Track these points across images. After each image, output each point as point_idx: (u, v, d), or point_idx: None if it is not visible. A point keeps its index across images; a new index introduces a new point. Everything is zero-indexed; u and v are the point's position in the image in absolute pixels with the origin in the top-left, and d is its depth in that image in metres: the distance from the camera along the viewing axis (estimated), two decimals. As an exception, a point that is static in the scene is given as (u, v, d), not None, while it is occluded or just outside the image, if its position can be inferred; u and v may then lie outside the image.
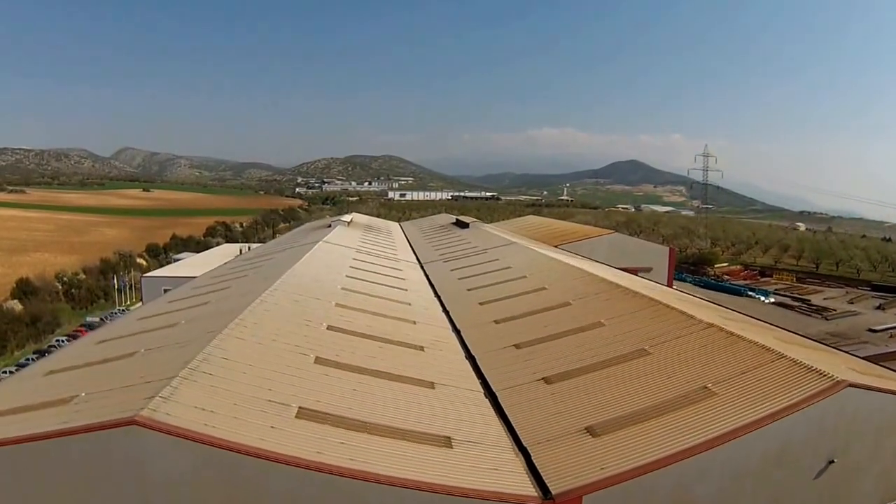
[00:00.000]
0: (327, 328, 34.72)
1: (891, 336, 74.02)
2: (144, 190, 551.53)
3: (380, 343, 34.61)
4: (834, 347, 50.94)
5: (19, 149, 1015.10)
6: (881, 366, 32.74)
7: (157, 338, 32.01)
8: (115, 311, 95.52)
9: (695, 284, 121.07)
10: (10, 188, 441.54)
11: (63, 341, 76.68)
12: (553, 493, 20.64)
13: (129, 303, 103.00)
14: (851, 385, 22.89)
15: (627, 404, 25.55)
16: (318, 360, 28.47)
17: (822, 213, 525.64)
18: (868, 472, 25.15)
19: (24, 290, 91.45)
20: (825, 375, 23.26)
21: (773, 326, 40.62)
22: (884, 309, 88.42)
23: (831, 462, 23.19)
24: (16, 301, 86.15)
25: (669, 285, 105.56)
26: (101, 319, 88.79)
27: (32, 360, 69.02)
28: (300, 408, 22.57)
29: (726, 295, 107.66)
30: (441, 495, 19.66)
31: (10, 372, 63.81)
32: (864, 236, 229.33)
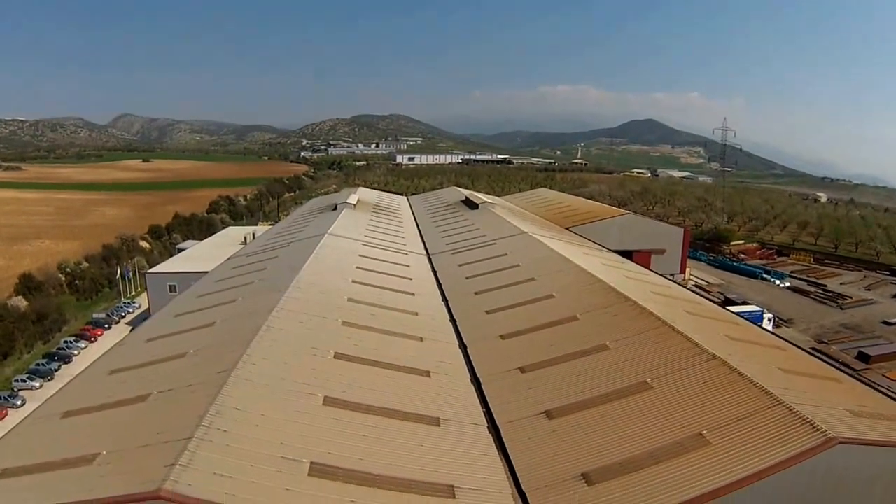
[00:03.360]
0: (334, 356, 37.03)
1: None
2: (144, 160, 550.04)
3: (387, 371, 36.88)
4: (844, 366, 53.15)
5: (13, 120, 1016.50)
6: (885, 393, 34.73)
7: (167, 373, 34.39)
8: (121, 304, 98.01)
9: (710, 264, 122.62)
10: (6, 165, 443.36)
11: (70, 343, 79.82)
12: (548, 547, 23.21)
13: (133, 293, 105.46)
14: (842, 442, 24.86)
15: (624, 449, 27.84)
16: (326, 401, 30.92)
17: (844, 180, 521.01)
18: None
19: (27, 285, 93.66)
20: (817, 430, 25.30)
21: (780, 343, 42.53)
22: None
23: None
24: (20, 297, 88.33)
25: (683, 268, 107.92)
26: (108, 315, 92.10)
27: (42, 364, 72.27)
28: (312, 463, 25.11)
29: (741, 277, 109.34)
30: (444, 553, 22.36)
31: (23, 380, 67.26)
32: (887, 210, 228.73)
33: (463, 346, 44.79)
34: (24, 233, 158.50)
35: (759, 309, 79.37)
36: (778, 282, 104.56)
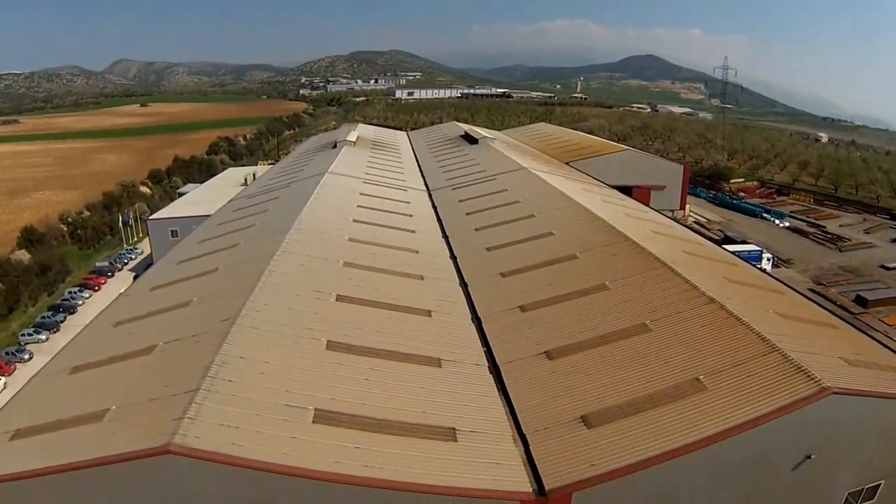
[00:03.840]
0: (336, 299, 36.82)
1: None
2: (142, 105, 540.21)
3: (388, 312, 36.70)
4: (841, 309, 52.78)
5: (8, 73, 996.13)
6: (880, 342, 34.65)
7: (172, 323, 34.21)
8: (123, 251, 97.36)
9: (709, 201, 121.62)
10: (3, 119, 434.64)
11: (75, 293, 79.56)
12: (546, 489, 23.43)
13: (135, 239, 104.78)
14: (836, 392, 24.83)
15: (622, 391, 27.91)
16: (329, 346, 30.84)
17: (846, 121, 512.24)
18: (845, 465, 27.80)
19: (29, 238, 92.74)
20: (812, 379, 25.26)
21: (779, 287, 42.28)
22: None
23: (809, 457, 25.70)
24: (23, 251, 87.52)
25: (683, 205, 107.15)
26: (110, 263, 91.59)
27: (48, 317, 71.90)
28: (316, 410, 25.18)
29: (741, 216, 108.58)
30: (445, 497, 22.56)
31: (30, 334, 67.05)
32: (888, 153, 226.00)
33: (463, 284, 44.61)
34: (23, 186, 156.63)
35: (758, 248, 78.90)
36: (777, 221, 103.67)
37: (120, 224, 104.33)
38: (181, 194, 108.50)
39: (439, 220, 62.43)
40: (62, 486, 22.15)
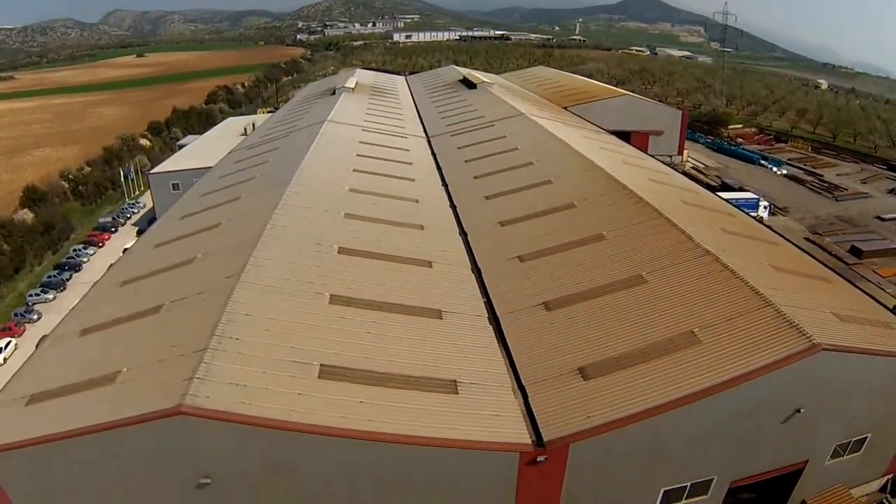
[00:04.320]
0: (338, 251, 36.80)
1: None
2: (138, 56, 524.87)
3: (389, 263, 36.74)
4: (835, 258, 52.60)
5: (1, 29, 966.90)
6: (872, 297, 34.70)
7: (177, 281, 34.20)
8: (125, 205, 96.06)
9: (707, 147, 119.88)
10: None
11: (79, 251, 78.51)
12: (545, 440, 23.93)
13: (136, 193, 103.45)
14: (825, 349, 25.02)
15: (618, 344, 28.17)
16: (332, 300, 30.98)
17: (846, 68, 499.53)
18: (833, 419, 28.22)
19: (31, 197, 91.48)
20: (803, 335, 25.40)
21: (774, 238, 42.14)
22: None
23: (798, 410, 26.10)
24: (26, 211, 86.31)
25: (681, 150, 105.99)
26: (113, 219, 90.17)
27: (54, 276, 71.18)
28: (321, 365, 25.47)
29: (739, 162, 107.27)
30: (447, 449, 23.08)
31: (37, 294, 66.45)
32: (887, 102, 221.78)
33: (463, 234, 44.55)
34: (23, 144, 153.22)
35: (755, 196, 77.93)
36: (775, 169, 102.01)
37: (121, 178, 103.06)
38: (181, 146, 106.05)
39: (439, 168, 61.86)
40: (78, 450, 22.62)
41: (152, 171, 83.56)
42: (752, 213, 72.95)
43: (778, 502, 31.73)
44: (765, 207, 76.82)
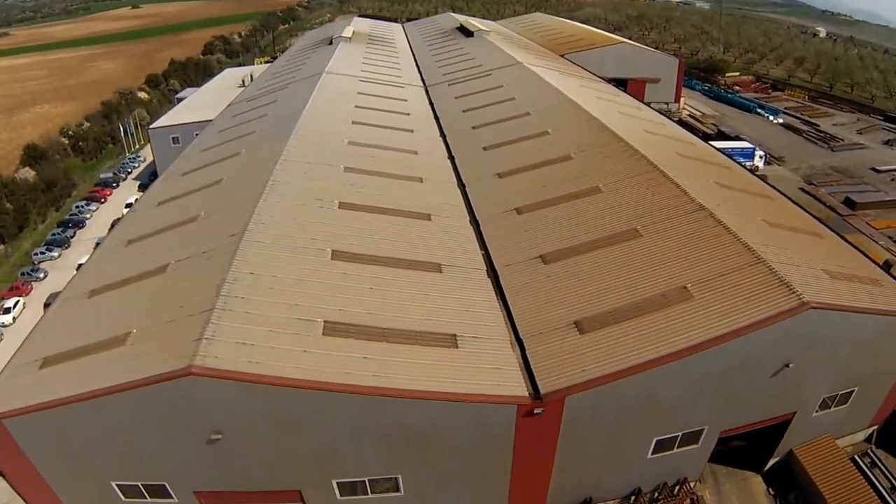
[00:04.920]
0: (339, 206, 36.73)
1: (892, 179, 73.13)
2: (133, 7, 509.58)
3: (390, 217, 36.75)
4: (829, 209, 52.38)
5: None
6: (864, 254, 34.74)
7: (181, 239, 34.13)
8: (126, 159, 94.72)
9: (704, 94, 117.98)
10: None
11: (82, 207, 77.97)
12: (542, 392, 24.49)
13: (137, 147, 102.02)
14: (814, 307, 25.20)
15: (613, 298, 28.46)
16: (334, 255, 31.10)
17: (845, 16, 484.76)
18: (821, 373, 28.68)
19: (32, 155, 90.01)
20: (793, 293, 25.58)
21: (769, 192, 41.98)
22: (892, 146, 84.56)
23: (787, 365, 26.53)
24: (27, 169, 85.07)
25: (677, 98, 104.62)
26: (115, 174, 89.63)
27: (58, 233, 70.52)
28: (325, 322, 25.77)
29: (735, 110, 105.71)
30: (448, 402, 23.65)
31: (42, 252, 66.09)
32: (886, 51, 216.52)
33: (461, 185, 44.39)
34: (21, 101, 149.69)
35: (751, 145, 76.83)
36: (771, 117, 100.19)
37: (121, 133, 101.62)
38: (180, 99, 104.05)
39: (436, 118, 61.19)
40: (93, 411, 23.08)
41: (152, 125, 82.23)
42: (748, 163, 72.72)
43: (766, 451, 32.68)
44: (760, 157, 76.09)
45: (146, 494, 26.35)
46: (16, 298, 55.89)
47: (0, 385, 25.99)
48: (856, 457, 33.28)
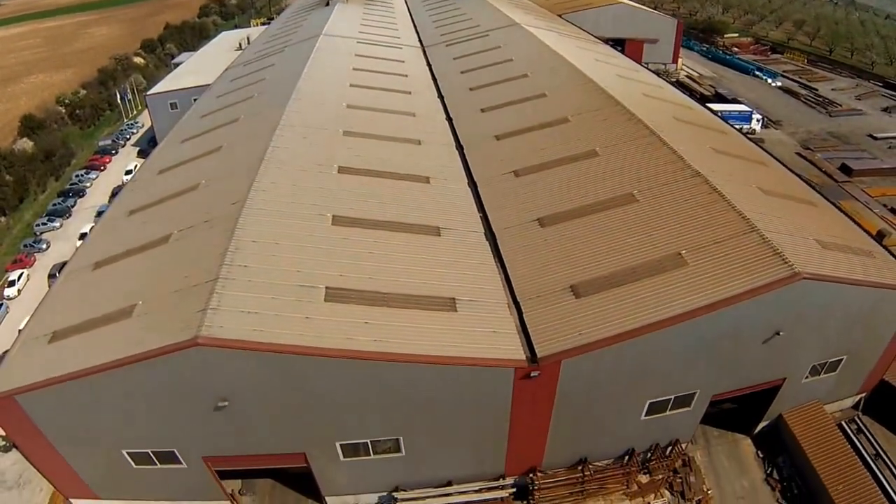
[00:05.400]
0: (338, 171, 36.68)
1: (889, 147, 71.76)
2: None
3: (389, 181, 36.76)
4: (825, 175, 51.98)
5: None
6: (857, 224, 34.65)
7: (183, 208, 34.06)
8: (124, 126, 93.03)
9: (703, 55, 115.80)
10: None
11: (82, 176, 76.74)
12: (538, 356, 24.91)
13: (134, 113, 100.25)
14: (806, 278, 25.33)
15: (608, 262, 28.65)
16: (335, 221, 31.20)
17: None
18: (811, 341, 28.96)
19: (29, 125, 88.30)
20: (786, 263, 25.67)
21: (764, 158, 41.72)
22: (890, 113, 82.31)
23: (778, 333, 26.79)
24: (25, 140, 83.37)
25: (675, 59, 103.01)
26: (113, 141, 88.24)
27: (59, 203, 69.44)
28: (327, 288, 25.97)
29: (733, 72, 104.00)
30: (448, 366, 24.08)
31: (44, 223, 65.18)
32: (888, 17, 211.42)
33: (459, 147, 44.20)
34: (16, 72, 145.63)
35: (748, 109, 75.27)
36: (770, 80, 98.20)
37: (118, 99, 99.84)
38: (177, 64, 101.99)
39: (434, 79, 60.54)
40: (103, 384, 23.43)
41: (149, 92, 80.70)
42: (745, 126, 72.07)
43: (756, 415, 33.26)
44: (757, 120, 75.10)
45: (156, 461, 27.09)
46: (20, 271, 55.49)
47: (11, 361, 26.39)
48: (843, 423, 33.85)
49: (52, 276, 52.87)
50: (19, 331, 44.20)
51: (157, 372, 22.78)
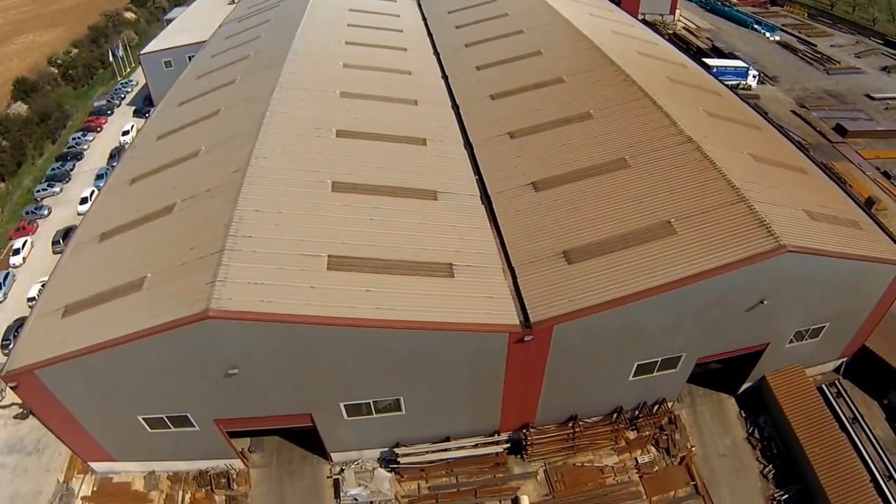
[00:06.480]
0: (337, 135, 36.81)
1: (886, 108, 70.24)
2: None
3: (386, 144, 37.00)
4: (819, 134, 51.35)
5: None
6: (847, 188, 34.86)
7: (185, 176, 34.24)
8: (118, 84, 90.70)
9: (701, 6, 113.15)
10: None
11: (79, 138, 75.05)
12: (531, 321, 25.81)
13: (128, 71, 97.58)
14: (791, 251, 25.84)
15: (600, 228, 29.32)
16: (335, 187, 31.60)
17: None
18: (794, 309, 29.71)
19: (23, 88, 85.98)
20: (772, 235, 26.21)
21: (758, 122, 41.85)
22: (889, 73, 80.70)
23: (762, 302, 27.59)
24: (19, 103, 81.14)
25: (673, 9, 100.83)
26: (108, 101, 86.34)
27: (57, 168, 68.11)
28: (329, 256, 26.63)
29: (732, 25, 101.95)
30: (446, 332, 25.02)
31: (44, 189, 63.98)
32: None
33: (455, 107, 44.19)
34: (4, 33, 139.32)
35: (745, 65, 73.46)
36: (768, 34, 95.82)
37: (110, 57, 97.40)
38: (169, 20, 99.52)
39: (429, 34, 59.76)
40: (117, 356, 24.20)
41: (143, 51, 78.39)
42: (741, 81, 71.44)
43: (741, 376, 34.36)
44: (754, 76, 73.77)
45: (170, 425, 28.28)
46: (23, 238, 55.27)
47: (28, 336, 27.20)
48: (823, 386, 34.96)
49: (55, 243, 52.86)
50: (28, 299, 45.36)
51: (170, 344, 23.56)
